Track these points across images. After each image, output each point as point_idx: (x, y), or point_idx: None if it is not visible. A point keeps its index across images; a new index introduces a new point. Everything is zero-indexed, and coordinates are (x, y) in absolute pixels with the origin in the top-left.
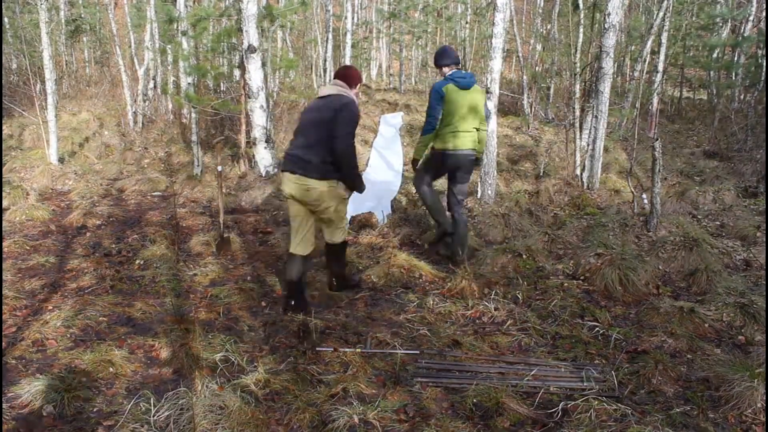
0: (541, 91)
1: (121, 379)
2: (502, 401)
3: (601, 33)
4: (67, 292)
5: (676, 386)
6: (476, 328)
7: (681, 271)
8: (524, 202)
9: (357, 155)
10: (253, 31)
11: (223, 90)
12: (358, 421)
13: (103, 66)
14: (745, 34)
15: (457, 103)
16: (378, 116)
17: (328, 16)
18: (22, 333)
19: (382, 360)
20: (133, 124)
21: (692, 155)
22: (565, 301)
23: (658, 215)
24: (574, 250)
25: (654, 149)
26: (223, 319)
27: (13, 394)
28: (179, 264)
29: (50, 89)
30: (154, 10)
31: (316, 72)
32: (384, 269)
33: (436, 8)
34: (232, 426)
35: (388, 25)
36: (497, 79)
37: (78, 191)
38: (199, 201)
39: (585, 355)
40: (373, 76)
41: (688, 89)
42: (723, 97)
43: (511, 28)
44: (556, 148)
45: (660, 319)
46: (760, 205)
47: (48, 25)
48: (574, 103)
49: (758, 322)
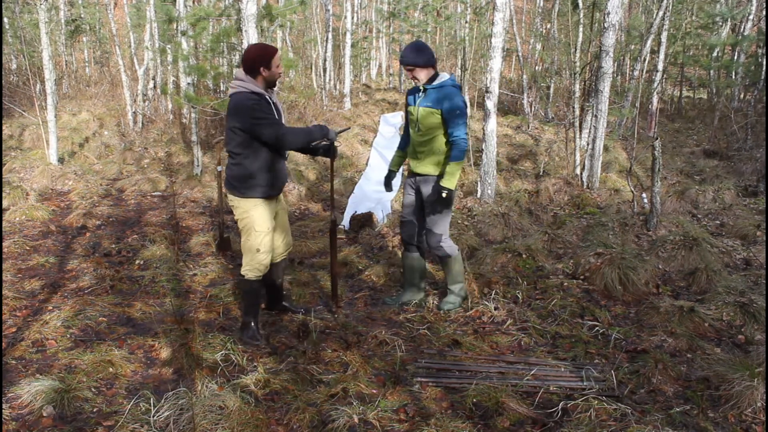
0: (541, 90)
1: (121, 379)
2: (502, 401)
3: (601, 32)
4: (67, 292)
5: (676, 385)
6: (476, 327)
7: (681, 270)
8: (524, 202)
9: (295, 133)
10: (253, 31)
11: (222, 90)
12: (357, 421)
13: (102, 66)
14: (744, 33)
15: None
16: (378, 116)
17: (328, 15)
18: (22, 333)
19: (382, 360)
20: (133, 124)
21: (692, 154)
22: (565, 301)
23: (657, 214)
24: (573, 249)
25: (654, 148)
26: (223, 319)
27: (13, 395)
28: (179, 264)
29: (50, 89)
30: (153, 10)
31: (316, 71)
32: (384, 269)
33: (435, 8)
34: (232, 426)
35: (388, 24)
36: (497, 78)
37: (78, 191)
38: (199, 201)
39: (585, 354)
40: (373, 76)
41: (688, 88)
42: (723, 96)
43: (510, 28)
44: (556, 148)
45: (660, 319)
46: (759, 204)
47: (48, 25)
48: (574, 102)
49: (758, 322)
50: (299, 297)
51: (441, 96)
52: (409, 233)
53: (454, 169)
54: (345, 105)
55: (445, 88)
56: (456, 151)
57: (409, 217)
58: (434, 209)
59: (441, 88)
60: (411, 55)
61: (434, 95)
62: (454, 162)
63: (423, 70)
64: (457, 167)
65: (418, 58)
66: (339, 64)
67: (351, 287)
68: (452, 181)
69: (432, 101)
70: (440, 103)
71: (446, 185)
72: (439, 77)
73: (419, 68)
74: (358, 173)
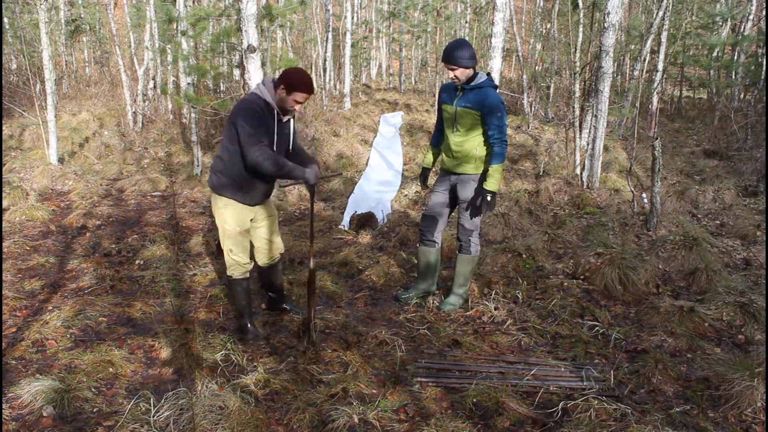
0: (541, 90)
1: (121, 379)
2: (502, 401)
3: (601, 32)
4: (67, 292)
5: (676, 385)
6: (476, 327)
7: (681, 270)
8: (524, 202)
9: (275, 163)
10: (253, 31)
11: (222, 90)
12: (357, 421)
13: (102, 66)
14: (744, 33)
15: None
16: (378, 116)
17: (328, 15)
18: (22, 333)
19: (382, 360)
20: (133, 124)
21: (692, 154)
22: (565, 301)
23: (657, 214)
24: (573, 249)
25: (654, 148)
26: (222, 319)
27: (13, 395)
28: (179, 264)
29: (50, 89)
30: (153, 10)
31: (316, 71)
32: (384, 269)
33: (435, 8)
34: (232, 426)
35: (388, 24)
36: (497, 78)
37: (78, 191)
38: (199, 201)
39: (585, 354)
40: (373, 76)
41: (688, 88)
42: (723, 96)
43: (510, 28)
44: (556, 148)
45: (660, 319)
46: (759, 204)
47: (48, 25)
48: (574, 102)
49: (758, 321)
50: (299, 297)
51: (480, 97)
52: (430, 228)
53: (497, 171)
54: (345, 105)
55: (484, 89)
56: (497, 153)
57: (434, 214)
58: (476, 211)
59: (480, 89)
60: (455, 53)
61: (473, 96)
62: (496, 164)
63: (465, 69)
64: (499, 169)
65: (462, 58)
66: (339, 64)
67: (351, 287)
68: (496, 184)
69: (471, 102)
70: (479, 104)
71: (490, 188)
72: (478, 77)
73: (462, 68)
74: (358, 173)
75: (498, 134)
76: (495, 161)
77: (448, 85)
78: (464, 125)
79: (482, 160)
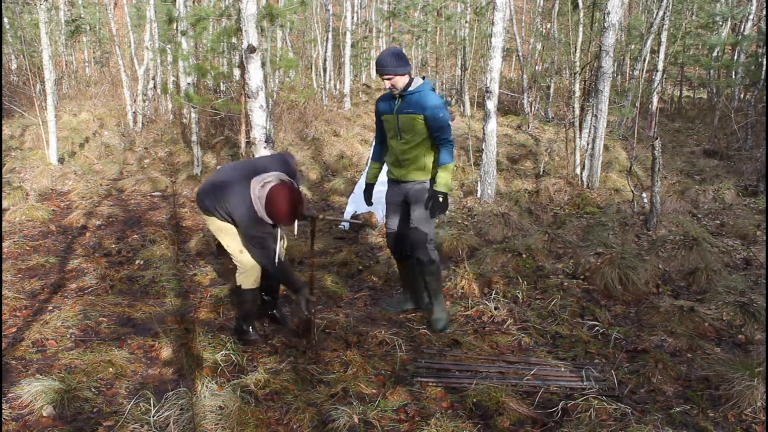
0: (541, 90)
1: (121, 379)
2: (502, 401)
3: (601, 32)
4: (67, 292)
5: (676, 385)
6: (476, 327)
7: (681, 270)
8: (524, 201)
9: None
10: (253, 31)
11: (222, 90)
12: (358, 421)
13: (103, 66)
14: (744, 32)
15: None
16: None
17: (328, 15)
18: (22, 333)
19: (382, 360)
20: (133, 124)
21: (692, 154)
22: (565, 301)
23: (657, 214)
24: (573, 249)
25: (654, 148)
26: (222, 319)
27: (13, 395)
28: (179, 264)
29: (50, 89)
30: (153, 10)
31: (316, 71)
32: (384, 269)
33: (435, 7)
34: (232, 426)
35: (388, 24)
36: (497, 78)
37: (78, 191)
38: None
39: (585, 354)
40: (373, 76)
41: (688, 88)
42: (723, 95)
43: (510, 28)
44: (556, 147)
45: (660, 318)
46: (760, 204)
47: (48, 26)
48: (574, 102)
49: (758, 321)
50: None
51: (420, 101)
52: (396, 245)
53: (447, 170)
54: (345, 105)
55: (423, 92)
56: (445, 154)
57: (396, 230)
58: (430, 213)
59: (419, 93)
60: (391, 62)
61: (413, 101)
62: (445, 165)
63: (402, 77)
64: (448, 169)
65: (396, 66)
66: (339, 64)
67: (351, 287)
68: (447, 185)
69: (412, 106)
70: (421, 107)
71: (442, 189)
72: (414, 82)
73: (399, 76)
74: (358, 173)
75: (443, 135)
76: (444, 162)
77: (383, 95)
78: (408, 132)
79: (431, 165)
